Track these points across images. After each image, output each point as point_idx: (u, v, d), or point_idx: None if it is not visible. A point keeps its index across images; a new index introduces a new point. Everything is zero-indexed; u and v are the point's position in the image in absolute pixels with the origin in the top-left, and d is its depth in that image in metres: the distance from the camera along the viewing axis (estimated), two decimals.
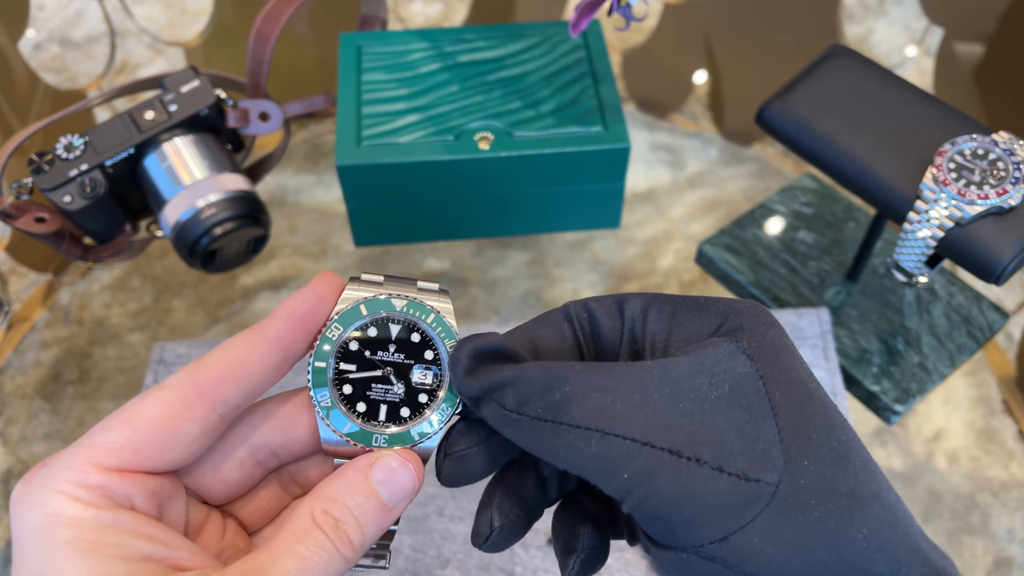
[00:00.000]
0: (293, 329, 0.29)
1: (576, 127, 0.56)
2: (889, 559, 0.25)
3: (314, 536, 0.27)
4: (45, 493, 0.26)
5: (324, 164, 0.71)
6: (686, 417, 0.26)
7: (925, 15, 0.83)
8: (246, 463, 0.30)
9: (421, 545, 0.48)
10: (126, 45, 0.81)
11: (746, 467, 0.25)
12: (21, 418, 0.58)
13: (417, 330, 0.30)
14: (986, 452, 0.56)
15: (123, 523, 0.26)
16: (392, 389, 0.30)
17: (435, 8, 0.85)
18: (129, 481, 0.27)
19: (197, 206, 0.54)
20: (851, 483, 0.26)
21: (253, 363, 0.29)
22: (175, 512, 0.29)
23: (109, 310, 0.63)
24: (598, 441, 0.26)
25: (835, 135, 0.50)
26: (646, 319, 0.29)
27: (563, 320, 0.30)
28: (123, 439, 0.27)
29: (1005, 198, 0.45)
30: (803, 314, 0.56)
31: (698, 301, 0.29)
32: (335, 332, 0.30)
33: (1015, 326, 0.61)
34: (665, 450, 0.25)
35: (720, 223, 0.66)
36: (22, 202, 0.53)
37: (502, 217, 0.60)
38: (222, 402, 0.28)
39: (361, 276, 0.31)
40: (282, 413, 0.30)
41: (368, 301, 0.30)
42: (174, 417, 0.27)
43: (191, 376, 0.28)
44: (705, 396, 0.26)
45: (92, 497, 0.26)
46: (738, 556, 0.25)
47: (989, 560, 0.51)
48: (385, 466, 0.28)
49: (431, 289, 0.31)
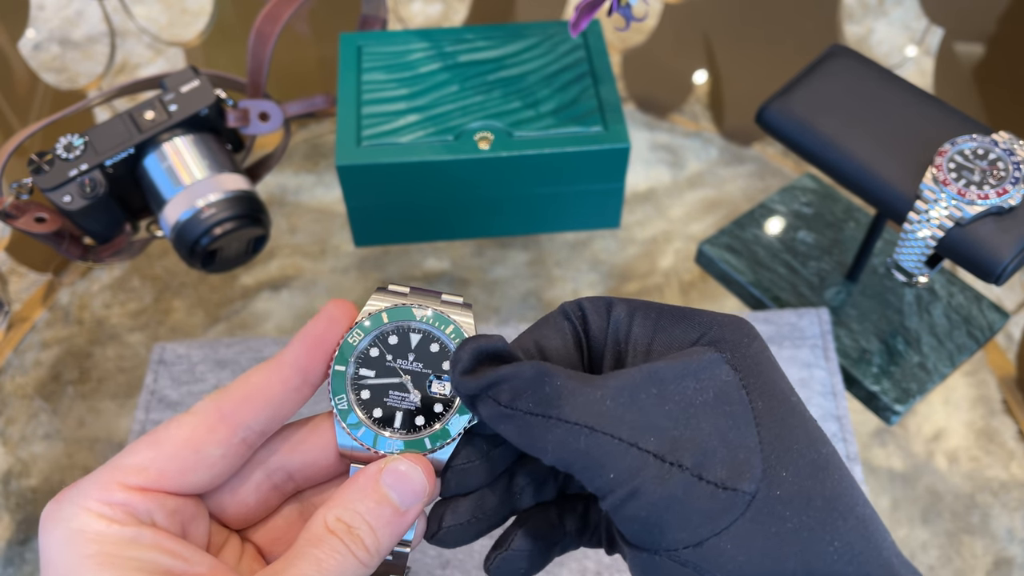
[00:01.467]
0: (309, 351, 0.30)
1: (576, 127, 0.56)
2: (858, 572, 0.25)
3: (328, 541, 0.27)
4: (72, 510, 0.27)
5: (324, 164, 0.71)
6: (671, 420, 0.27)
7: (925, 15, 0.83)
8: (263, 486, 0.31)
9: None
10: (126, 45, 0.81)
11: (725, 475, 0.26)
12: (21, 418, 0.58)
13: (436, 340, 0.31)
14: (986, 452, 0.56)
15: (144, 538, 0.27)
16: (408, 397, 0.30)
17: (435, 8, 0.85)
18: (151, 500, 0.28)
19: (197, 206, 0.54)
20: (827, 495, 0.26)
21: (273, 386, 0.30)
22: (198, 532, 0.30)
23: (109, 310, 0.63)
24: (587, 437, 0.26)
25: (835, 135, 0.50)
26: (631, 323, 0.30)
27: (563, 319, 0.30)
28: (148, 460, 0.28)
29: (1005, 198, 0.45)
30: (803, 314, 0.56)
31: (682, 311, 0.30)
32: (356, 338, 0.31)
33: (1015, 326, 0.61)
34: (650, 453, 0.26)
35: (720, 223, 0.66)
36: (22, 202, 0.53)
37: (502, 217, 0.60)
38: (244, 426, 0.29)
39: (388, 286, 0.32)
40: (298, 436, 0.31)
41: (391, 310, 0.31)
42: (197, 441, 0.29)
43: (215, 401, 0.29)
44: (691, 400, 0.27)
45: (115, 514, 0.27)
46: (710, 562, 0.26)
47: (989, 560, 0.51)
48: (394, 470, 0.29)
49: (455, 302, 0.32)
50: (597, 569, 0.47)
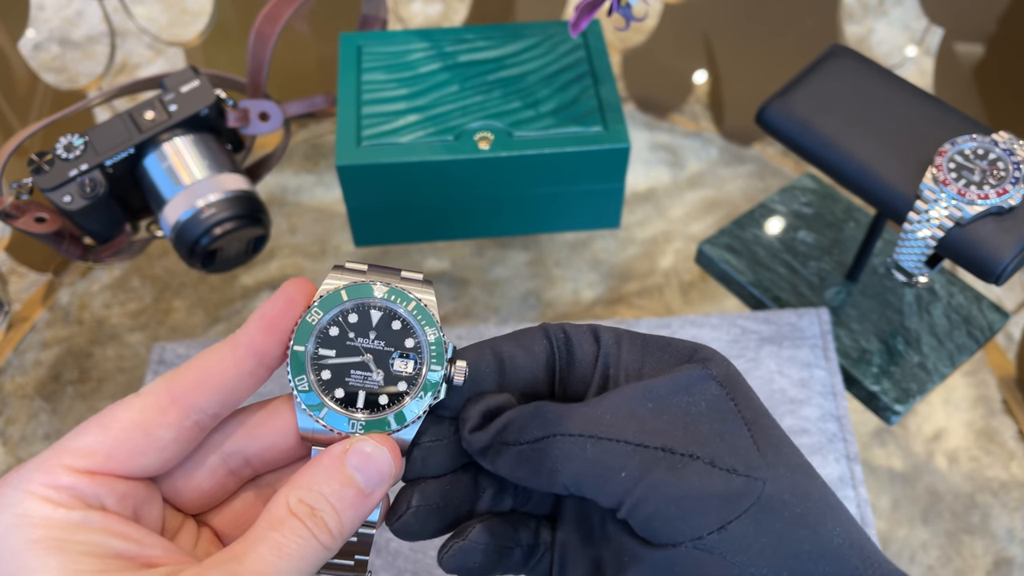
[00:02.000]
0: (264, 333, 0.29)
1: (576, 127, 0.56)
2: (860, 556, 0.27)
3: (290, 524, 0.27)
4: (16, 495, 0.26)
5: (324, 164, 0.71)
6: (671, 426, 0.28)
7: (925, 15, 0.83)
8: (218, 471, 0.30)
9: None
10: (126, 45, 0.81)
11: (735, 464, 0.27)
12: (21, 418, 0.58)
13: (398, 318, 0.30)
14: (986, 452, 0.56)
15: (93, 522, 0.26)
16: (371, 376, 0.29)
17: (435, 8, 0.85)
18: (100, 483, 0.27)
19: (197, 206, 0.54)
20: (820, 493, 0.28)
21: (226, 369, 0.29)
22: (151, 516, 0.29)
23: (109, 310, 0.63)
24: (593, 445, 0.27)
25: (835, 135, 0.50)
26: (619, 350, 0.30)
27: (542, 338, 0.31)
28: (96, 443, 0.27)
29: (1005, 198, 0.45)
30: (803, 314, 0.56)
31: (665, 340, 0.31)
32: (315, 316, 0.29)
33: (1015, 326, 0.61)
34: (659, 448, 0.27)
35: (720, 223, 0.66)
36: (22, 202, 0.53)
37: (502, 217, 0.60)
38: (196, 409, 0.28)
39: (345, 264, 0.31)
40: (254, 420, 0.30)
41: (349, 287, 0.30)
42: (147, 423, 0.28)
43: (166, 383, 0.28)
44: (686, 410, 0.28)
45: (62, 498, 0.26)
46: (735, 544, 0.26)
47: (989, 560, 0.51)
48: (360, 451, 0.28)
49: (415, 279, 0.31)
50: None
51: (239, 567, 0.25)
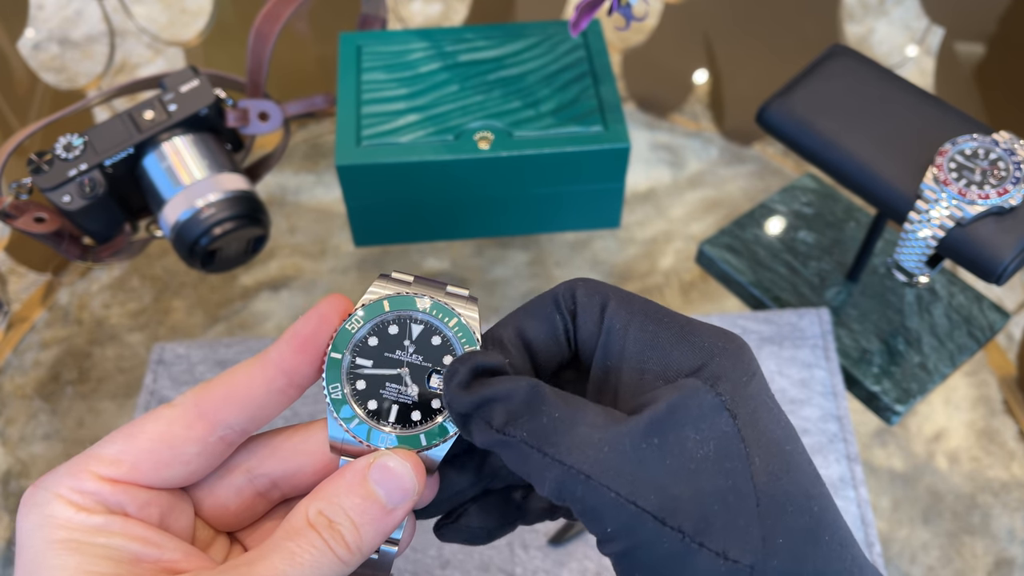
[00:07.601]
0: (295, 352, 0.29)
1: (576, 127, 0.56)
2: None
3: (306, 534, 0.27)
4: (45, 496, 0.27)
5: (324, 164, 0.71)
6: (672, 476, 0.26)
7: (925, 15, 0.83)
8: (244, 490, 0.30)
9: (421, 545, 0.48)
10: (126, 45, 0.81)
11: (725, 545, 0.25)
12: (21, 418, 0.57)
13: (439, 333, 0.29)
14: (987, 452, 0.56)
15: (113, 526, 0.27)
16: (406, 391, 0.29)
17: (435, 8, 0.84)
18: (123, 491, 0.28)
19: (196, 206, 0.54)
20: (819, 564, 0.26)
21: (255, 386, 0.29)
22: (179, 525, 0.29)
23: (109, 310, 0.63)
24: (583, 485, 0.26)
25: (835, 135, 0.50)
26: (625, 337, 0.28)
27: (553, 309, 0.29)
28: (122, 452, 0.28)
29: (1006, 198, 0.45)
30: (803, 314, 0.56)
31: (683, 329, 0.28)
32: (355, 325, 0.29)
33: (1016, 326, 0.61)
34: (649, 514, 0.25)
35: (720, 223, 0.66)
36: (21, 202, 0.53)
37: (502, 217, 0.60)
38: (223, 424, 0.28)
39: (392, 274, 0.30)
40: (284, 444, 0.30)
41: (392, 298, 0.29)
42: (173, 436, 0.28)
43: (195, 397, 0.29)
44: (692, 454, 0.26)
45: (86, 502, 0.27)
46: None
47: (990, 560, 0.51)
48: (383, 466, 0.28)
49: (460, 295, 0.30)
50: (597, 570, 0.47)
51: (249, 571, 0.26)
